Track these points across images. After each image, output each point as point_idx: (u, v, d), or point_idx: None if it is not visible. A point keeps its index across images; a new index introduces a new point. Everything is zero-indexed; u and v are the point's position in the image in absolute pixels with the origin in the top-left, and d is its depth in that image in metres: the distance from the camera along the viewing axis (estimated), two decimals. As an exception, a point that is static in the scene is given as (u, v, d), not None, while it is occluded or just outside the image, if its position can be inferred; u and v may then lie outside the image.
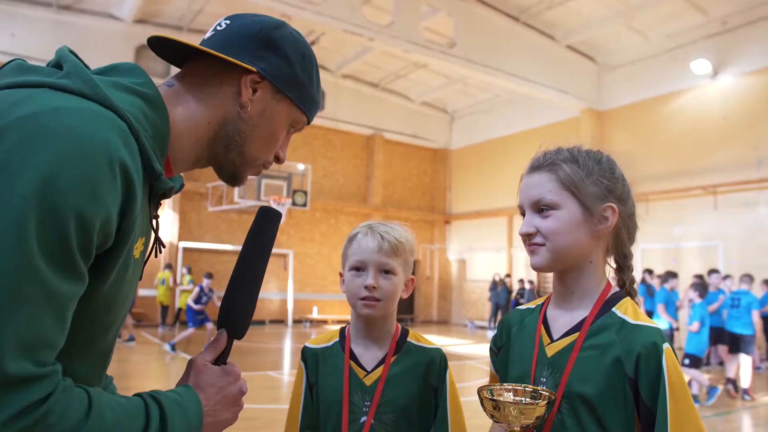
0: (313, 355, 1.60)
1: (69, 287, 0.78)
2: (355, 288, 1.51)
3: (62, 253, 0.76)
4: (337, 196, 19.76)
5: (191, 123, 1.01)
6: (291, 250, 18.25)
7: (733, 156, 13.28)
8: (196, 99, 1.02)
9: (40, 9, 14.44)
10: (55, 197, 0.74)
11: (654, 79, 15.06)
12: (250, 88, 1.02)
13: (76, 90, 0.84)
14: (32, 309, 0.74)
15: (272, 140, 1.08)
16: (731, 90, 13.64)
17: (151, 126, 0.93)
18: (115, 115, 0.85)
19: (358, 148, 20.50)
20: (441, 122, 21.94)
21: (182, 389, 0.99)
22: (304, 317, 18.28)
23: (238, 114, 1.03)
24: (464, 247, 20.97)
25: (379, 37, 12.94)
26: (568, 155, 1.28)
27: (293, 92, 1.06)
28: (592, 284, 1.26)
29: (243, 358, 10.73)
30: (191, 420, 0.95)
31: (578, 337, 1.21)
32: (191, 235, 16.85)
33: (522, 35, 15.11)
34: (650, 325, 1.18)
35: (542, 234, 1.24)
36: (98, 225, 0.79)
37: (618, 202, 1.26)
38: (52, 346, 0.78)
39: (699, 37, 14.15)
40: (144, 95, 0.94)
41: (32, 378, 0.74)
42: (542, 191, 1.25)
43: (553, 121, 17.59)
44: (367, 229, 1.56)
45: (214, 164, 1.08)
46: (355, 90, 19.63)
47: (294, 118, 1.09)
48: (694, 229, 13.92)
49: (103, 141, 0.80)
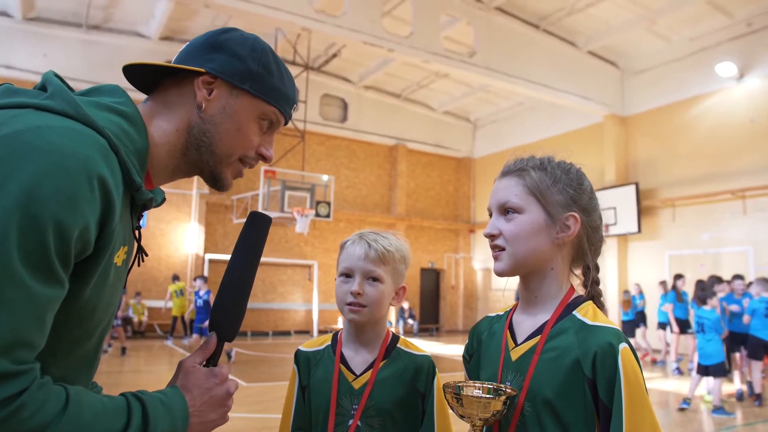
0: (305, 359, 1.65)
1: (48, 291, 0.82)
2: (342, 294, 1.57)
3: (41, 259, 0.81)
4: (360, 207, 19.85)
5: (163, 134, 1.08)
6: (315, 261, 18.36)
7: (761, 159, 13.01)
8: (164, 111, 1.10)
9: (71, 29, 14.90)
10: (36, 208, 0.80)
11: (678, 83, 14.86)
12: (204, 89, 1.08)
13: (59, 110, 0.91)
14: (11, 311, 0.78)
15: (240, 135, 1.11)
16: (758, 92, 13.38)
17: (130, 141, 1.00)
18: (95, 133, 0.91)
19: (381, 158, 20.59)
20: (464, 131, 21.93)
21: (169, 390, 1.03)
22: (329, 327, 18.34)
23: (199, 116, 1.09)
24: (489, 255, 20.58)
25: (399, 48, 13.03)
26: (537, 163, 1.33)
27: (248, 84, 1.10)
28: (554, 290, 1.29)
29: (270, 368, 10.82)
30: (176, 420, 0.98)
31: (539, 341, 1.24)
32: (217, 247, 17.10)
33: (542, 42, 15.06)
34: (607, 325, 1.20)
35: (504, 236, 1.28)
36: (76, 234, 0.84)
37: (582, 213, 1.29)
38: (31, 346, 0.82)
39: (723, 40, 13.94)
40: (123, 113, 1.01)
41: (8, 374, 0.78)
42: (508, 195, 1.30)
43: (577, 127, 17.46)
44: (357, 237, 1.61)
45: (196, 171, 1.14)
46: (377, 101, 19.76)
47: (260, 110, 1.12)
48: (723, 234, 13.65)
49: (83, 157, 0.85)
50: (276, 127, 1.17)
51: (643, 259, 15.32)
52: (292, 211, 14.72)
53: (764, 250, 12.84)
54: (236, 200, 17.02)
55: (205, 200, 16.85)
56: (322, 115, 19.02)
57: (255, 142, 1.14)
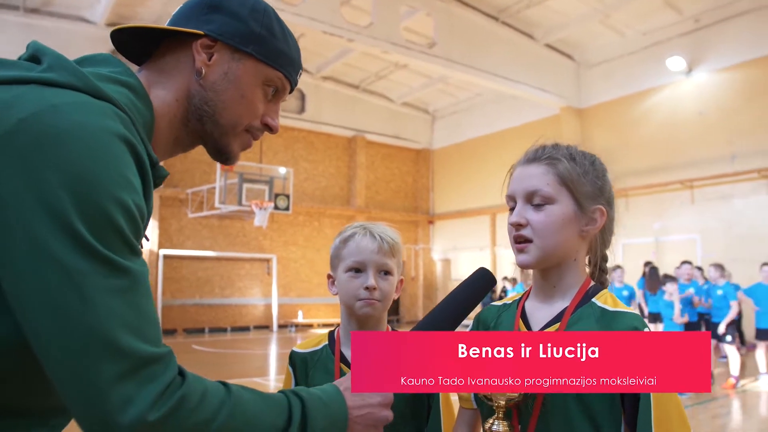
0: (302, 360, 1.57)
1: (141, 267, 0.79)
2: (353, 289, 1.48)
3: (121, 240, 0.76)
4: (319, 199, 19.68)
5: (162, 104, 0.99)
6: (274, 255, 18.14)
7: (708, 151, 13.48)
8: (161, 80, 1.00)
9: (7, 12, 14.16)
10: (92, 193, 0.73)
11: (631, 76, 15.23)
12: (203, 53, 0.99)
13: (66, 83, 0.81)
14: (125, 294, 0.74)
15: (245, 102, 1.02)
16: (706, 86, 13.84)
17: (140, 114, 0.91)
18: (113, 106, 0.83)
19: (340, 150, 20.44)
20: (422, 122, 21.97)
21: (330, 388, 0.99)
22: (289, 322, 18.18)
23: (199, 83, 1.00)
24: (448, 246, 21.01)
25: (358, 38, 12.91)
26: (566, 152, 1.28)
27: (252, 47, 1.01)
28: (574, 280, 1.27)
29: (229, 366, 10.63)
30: (336, 420, 0.94)
31: (559, 327, 1.21)
32: (171, 242, 16.66)
33: (501, 34, 15.18)
34: (630, 311, 1.20)
35: (532, 227, 1.22)
36: (135, 208, 0.79)
37: (607, 205, 1.28)
38: (158, 323, 0.79)
39: (674, 35, 14.34)
40: (127, 84, 0.92)
41: (154, 358, 0.74)
42: (540, 183, 1.23)
43: (534, 119, 17.70)
44: (363, 229, 1.53)
45: (198, 143, 1.06)
46: (335, 91, 19.58)
47: (265, 75, 1.03)
48: (673, 223, 14.10)
49: (114, 130, 0.79)
50: (281, 95, 1.08)
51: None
52: (251, 204, 14.48)
53: (711, 238, 13.33)
54: (191, 194, 16.60)
55: (158, 194, 16.36)
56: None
57: (260, 110, 1.05)
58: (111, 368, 0.71)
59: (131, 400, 0.71)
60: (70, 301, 0.70)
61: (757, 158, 12.66)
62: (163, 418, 0.73)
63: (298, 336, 16.22)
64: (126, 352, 0.72)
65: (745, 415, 6.70)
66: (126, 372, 0.71)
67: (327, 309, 19.11)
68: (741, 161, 12.96)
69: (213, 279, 17.38)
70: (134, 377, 0.72)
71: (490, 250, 18.97)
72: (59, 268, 0.70)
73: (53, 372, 0.72)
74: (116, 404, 0.70)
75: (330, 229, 19.48)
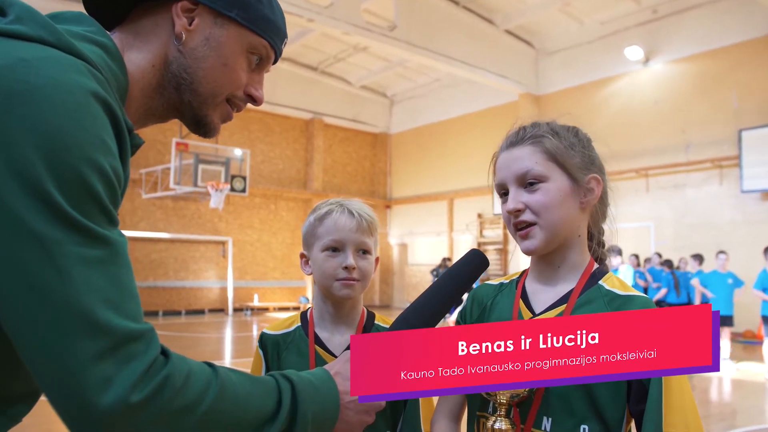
0: (273, 342, 1.48)
1: (119, 237, 0.73)
2: (330, 269, 1.41)
3: (98, 207, 0.70)
4: (276, 182, 19.40)
5: (137, 69, 0.91)
6: (230, 237, 17.84)
7: (663, 140, 13.83)
8: (136, 44, 0.92)
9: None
10: (67, 155, 0.66)
11: (589, 65, 15.47)
12: (183, 17, 0.92)
13: (36, 37, 0.73)
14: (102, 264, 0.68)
15: (226, 71, 0.95)
16: (661, 76, 14.16)
17: (114, 78, 0.83)
18: (87, 64, 0.74)
19: (297, 132, 20.16)
20: (381, 106, 21.85)
21: (320, 372, 0.95)
22: (245, 305, 17.94)
23: (178, 49, 0.92)
24: (405, 231, 21.06)
25: (318, 18, 12.66)
26: (548, 128, 1.25)
27: (236, 11, 0.93)
28: (579, 258, 1.24)
29: (183, 350, 10.38)
30: (327, 404, 0.91)
31: (565, 309, 1.17)
32: (124, 223, 16.11)
33: (462, 19, 15.15)
34: (641, 295, 1.18)
35: (531, 209, 1.18)
36: (112, 172, 0.72)
37: (600, 173, 1.26)
38: (138, 298, 0.74)
39: (632, 25, 14.60)
40: (102, 44, 0.84)
41: (135, 335, 0.69)
42: (529, 163, 1.20)
43: (492, 105, 17.83)
44: (339, 206, 1.47)
45: (174, 114, 0.99)
46: (293, 73, 19.22)
47: (249, 42, 0.96)
48: (627, 210, 14.45)
49: (91, 89, 0.72)
50: (266, 64, 1.01)
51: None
52: (206, 185, 14.14)
53: (663, 225, 13.73)
54: (145, 174, 16.09)
55: (109, 173, 15.82)
56: (235, 86, 18.30)
57: (244, 79, 0.98)
58: (89, 346, 0.65)
59: (111, 381, 0.65)
60: (44, 273, 0.64)
61: (710, 148, 13.06)
62: (146, 400, 0.67)
63: (254, 319, 16.03)
64: (105, 328, 0.66)
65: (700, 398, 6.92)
66: (105, 350, 0.66)
67: (283, 292, 18.93)
68: (694, 151, 13.35)
69: (167, 261, 16.95)
70: (114, 356, 0.66)
71: (448, 236, 19.11)
72: (31, 238, 0.64)
73: (25, 351, 0.66)
74: (95, 385, 0.64)
75: (286, 212, 19.25)
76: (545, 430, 1.14)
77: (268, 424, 0.81)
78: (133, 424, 0.67)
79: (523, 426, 1.16)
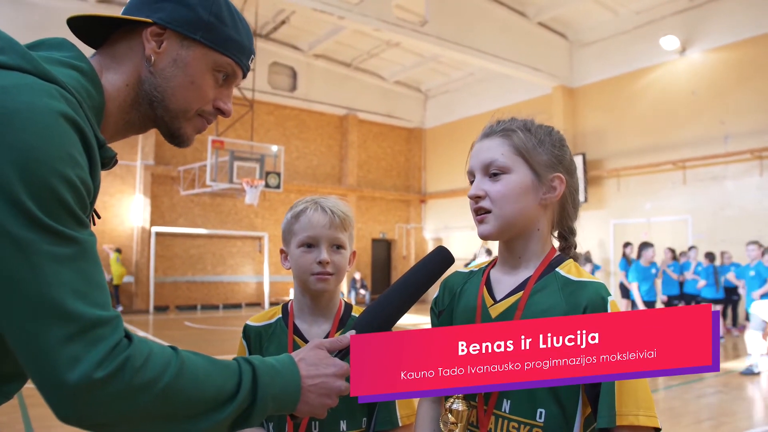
0: (256, 333, 1.59)
1: (89, 237, 0.84)
2: (306, 264, 1.50)
3: (66, 212, 0.80)
4: (311, 178, 19.62)
5: (113, 88, 1.03)
6: (266, 233, 18.13)
7: (701, 131, 13.48)
8: (113, 66, 1.04)
9: (-2, -12, 13.95)
10: (38, 169, 0.77)
11: (624, 56, 15.16)
12: (152, 41, 1.03)
13: (15, 66, 0.85)
14: (73, 261, 0.79)
15: (194, 88, 1.06)
16: (699, 66, 13.79)
17: (90, 98, 0.95)
18: (60, 88, 0.86)
19: (331, 128, 20.33)
20: (415, 101, 21.84)
21: (284, 357, 1.02)
22: (281, 299, 18.22)
23: (149, 70, 1.03)
24: (440, 225, 21.04)
25: (349, 15, 12.77)
26: (521, 124, 1.30)
27: (201, 33, 1.04)
28: (539, 249, 1.29)
29: (221, 342, 10.67)
30: (287, 387, 0.97)
31: (522, 296, 1.23)
32: (164, 219, 16.62)
33: (494, 12, 15.04)
34: (594, 280, 1.22)
35: (490, 198, 1.24)
36: (80, 183, 0.83)
37: (566, 174, 1.29)
38: (106, 288, 0.84)
39: (667, 14, 14.25)
40: (79, 69, 0.96)
41: (101, 321, 0.79)
42: (495, 154, 1.26)
43: (526, 98, 17.62)
44: (314, 204, 1.54)
45: (151, 126, 1.09)
46: (327, 70, 19.41)
47: (214, 61, 1.06)
48: (664, 203, 14.16)
49: (60, 110, 0.82)
50: (233, 80, 1.12)
51: (588, 228, 15.76)
52: (242, 182, 14.41)
53: (701, 218, 13.40)
54: (183, 171, 16.52)
55: (150, 171, 16.28)
56: (271, 84, 18.57)
57: (210, 95, 1.09)
58: (59, 330, 0.76)
59: (78, 360, 0.76)
60: (19, 269, 0.76)
61: (750, 139, 12.67)
62: (109, 377, 0.78)
63: (289, 314, 16.24)
64: (73, 315, 0.77)
65: (729, 396, 6.80)
66: (74, 334, 0.77)
67: (319, 287, 19.12)
68: (734, 142, 12.98)
69: (205, 256, 17.38)
70: (82, 339, 0.77)
71: (482, 230, 18.97)
72: (9, 240, 0.75)
73: (8, 336, 0.78)
74: (64, 363, 0.76)
75: (322, 208, 19.40)
76: (505, 411, 1.21)
77: (227, 402, 0.90)
78: (98, 398, 0.78)
79: (486, 407, 1.23)
